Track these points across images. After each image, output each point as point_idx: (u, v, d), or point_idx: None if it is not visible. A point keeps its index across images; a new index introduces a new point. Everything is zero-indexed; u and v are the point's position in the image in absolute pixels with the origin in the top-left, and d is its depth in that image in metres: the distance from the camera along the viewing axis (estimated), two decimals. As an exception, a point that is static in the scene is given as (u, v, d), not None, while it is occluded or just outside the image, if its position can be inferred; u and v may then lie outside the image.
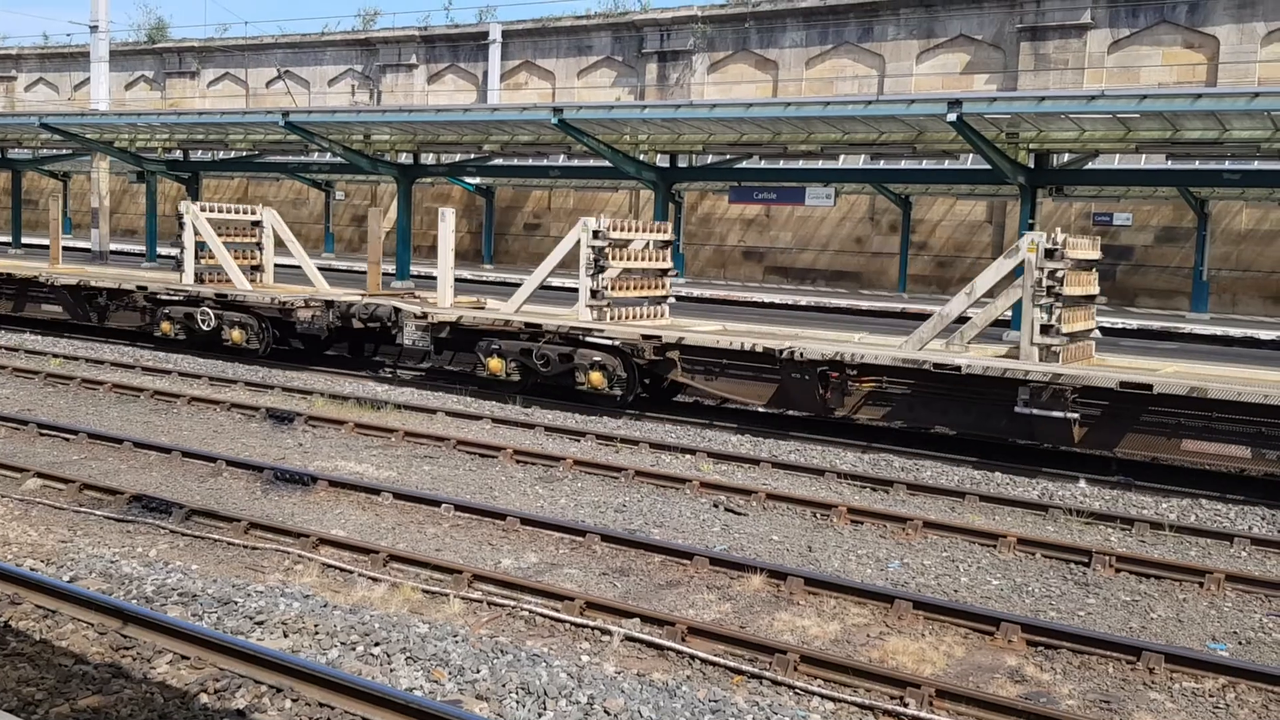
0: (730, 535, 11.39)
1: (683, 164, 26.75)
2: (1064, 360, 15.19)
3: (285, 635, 7.96)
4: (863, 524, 11.90)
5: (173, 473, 13.06)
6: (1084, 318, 16.09)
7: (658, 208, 24.55)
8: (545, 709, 6.95)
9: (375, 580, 9.47)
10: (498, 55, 40.54)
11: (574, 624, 8.62)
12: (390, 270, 25.70)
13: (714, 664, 7.96)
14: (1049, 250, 14.95)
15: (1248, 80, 28.25)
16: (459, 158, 31.00)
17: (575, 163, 29.06)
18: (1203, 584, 10.16)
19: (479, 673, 7.39)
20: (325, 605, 8.60)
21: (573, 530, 10.93)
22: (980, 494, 13.24)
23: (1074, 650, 8.43)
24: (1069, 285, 15.19)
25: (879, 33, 34.09)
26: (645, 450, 15.25)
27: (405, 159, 29.53)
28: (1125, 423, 14.36)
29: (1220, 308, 28.62)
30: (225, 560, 10.01)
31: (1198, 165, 23.86)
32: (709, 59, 36.92)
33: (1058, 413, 14.36)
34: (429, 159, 31.03)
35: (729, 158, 26.39)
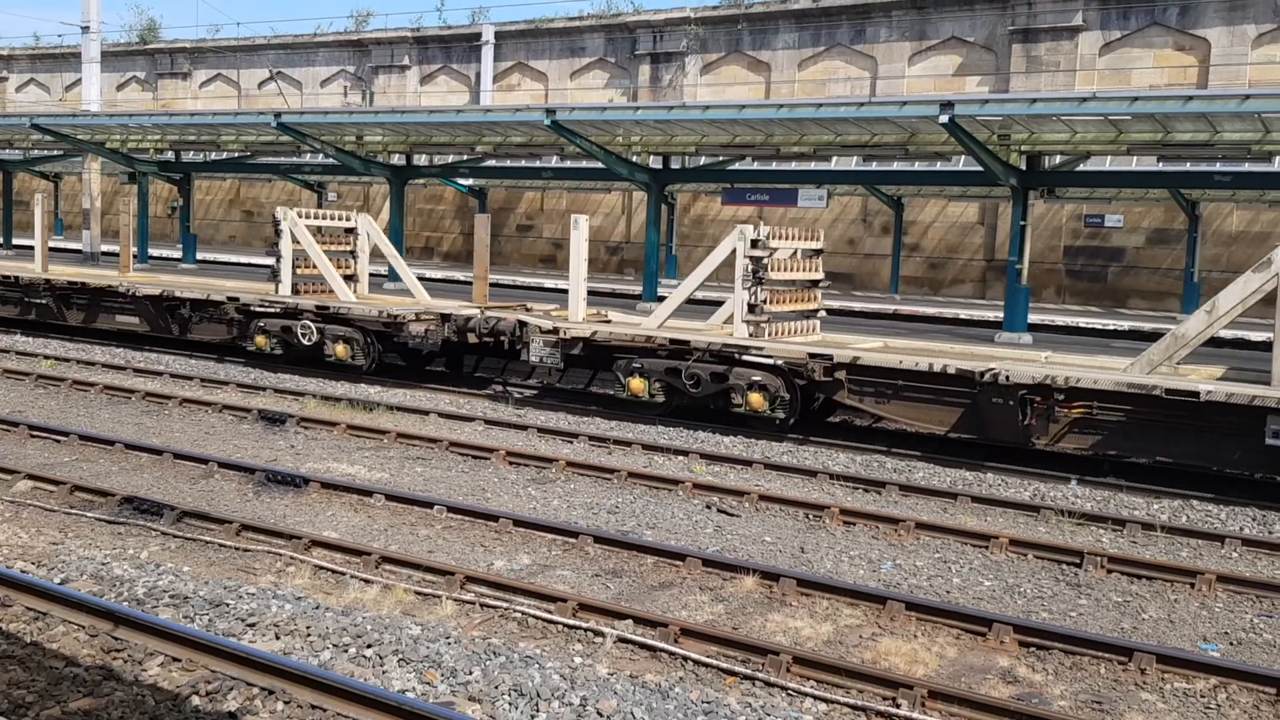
0: (723, 536, 11.39)
1: (675, 165, 26.79)
2: None
3: (277, 637, 7.94)
4: (855, 525, 11.91)
5: (164, 474, 13.02)
6: None
7: (650, 210, 24.56)
8: (538, 710, 6.95)
9: (368, 582, 9.46)
10: (490, 56, 40.55)
11: (567, 625, 8.62)
12: (382, 272, 25.56)
13: (707, 665, 7.96)
14: None
15: (1239, 82, 28.34)
16: (452, 159, 31.01)
17: (568, 164, 29.04)
18: (1194, 585, 10.19)
19: (472, 674, 7.38)
20: (317, 607, 8.59)
21: (566, 532, 10.93)
22: (972, 495, 13.26)
23: (1066, 651, 8.45)
24: None
25: (871, 35, 34.15)
26: (638, 452, 15.25)
27: (398, 160, 29.54)
28: None
29: (1212, 309, 28.64)
30: (217, 562, 9.99)
31: (1189, 167, 23.90)
32: (702, 60, 36.96)
33: None
34: (422, 160, 31.01)
35: (722, 159, 26.37)
